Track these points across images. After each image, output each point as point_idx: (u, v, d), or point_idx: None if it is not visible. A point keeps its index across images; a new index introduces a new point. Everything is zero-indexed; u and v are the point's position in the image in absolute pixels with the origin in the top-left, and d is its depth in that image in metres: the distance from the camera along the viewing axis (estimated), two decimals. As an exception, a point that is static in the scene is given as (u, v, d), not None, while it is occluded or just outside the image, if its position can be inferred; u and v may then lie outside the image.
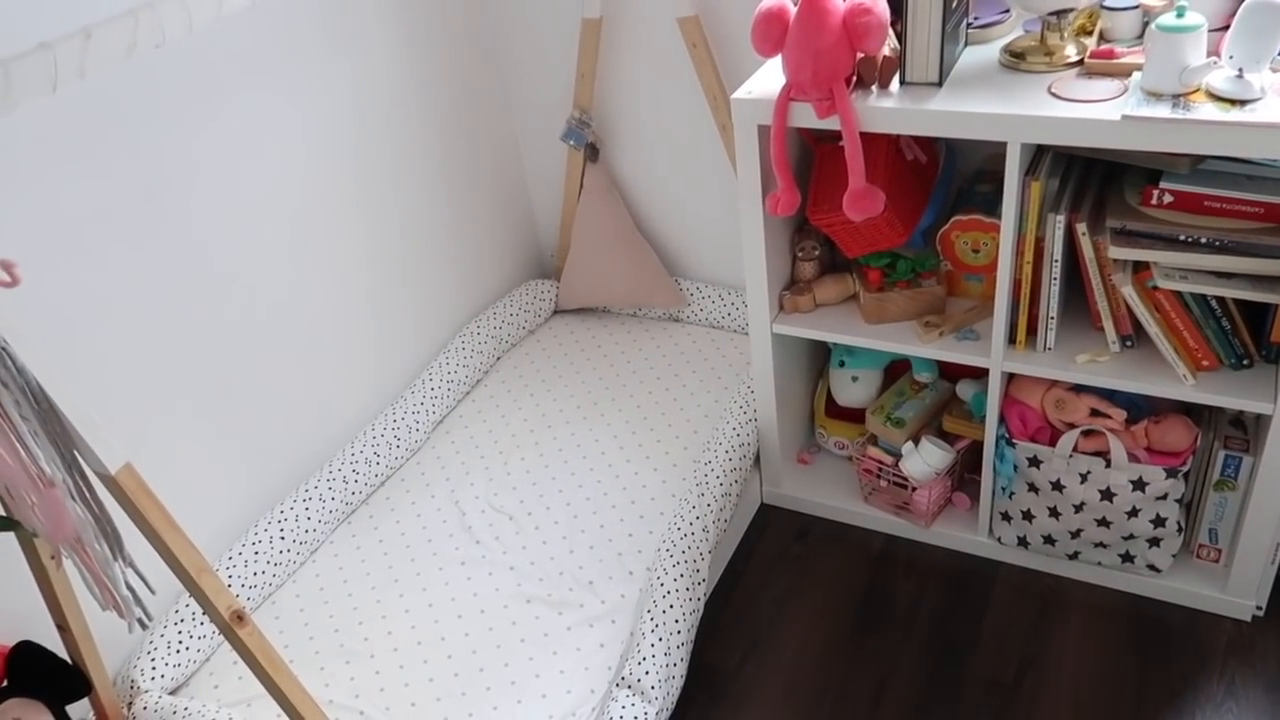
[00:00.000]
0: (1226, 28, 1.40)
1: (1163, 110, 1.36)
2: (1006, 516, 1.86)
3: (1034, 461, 1.74)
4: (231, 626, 1.19)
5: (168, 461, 1.69)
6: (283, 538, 1.83)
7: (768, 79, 1.68)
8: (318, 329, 1.96)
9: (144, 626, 1.17)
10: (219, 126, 1.68)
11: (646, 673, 1.55)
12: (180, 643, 1.65)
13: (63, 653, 1.40)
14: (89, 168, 1.48)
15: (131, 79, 1.51)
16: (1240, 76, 1.35)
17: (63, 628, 1.37)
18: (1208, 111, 1.34)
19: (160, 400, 1.66)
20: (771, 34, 1.55)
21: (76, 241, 1.48)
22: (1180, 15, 1.36)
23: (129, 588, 1.15)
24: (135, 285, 1.58)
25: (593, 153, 2.30)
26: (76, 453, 1.08)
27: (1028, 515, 1.82)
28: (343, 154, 1.94)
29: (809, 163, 1.85)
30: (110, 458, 1.07)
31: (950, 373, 1.97)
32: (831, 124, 1.56)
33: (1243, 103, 1.34)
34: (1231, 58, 1.36)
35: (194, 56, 1.61)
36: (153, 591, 1.17)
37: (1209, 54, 1.39)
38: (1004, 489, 1.84)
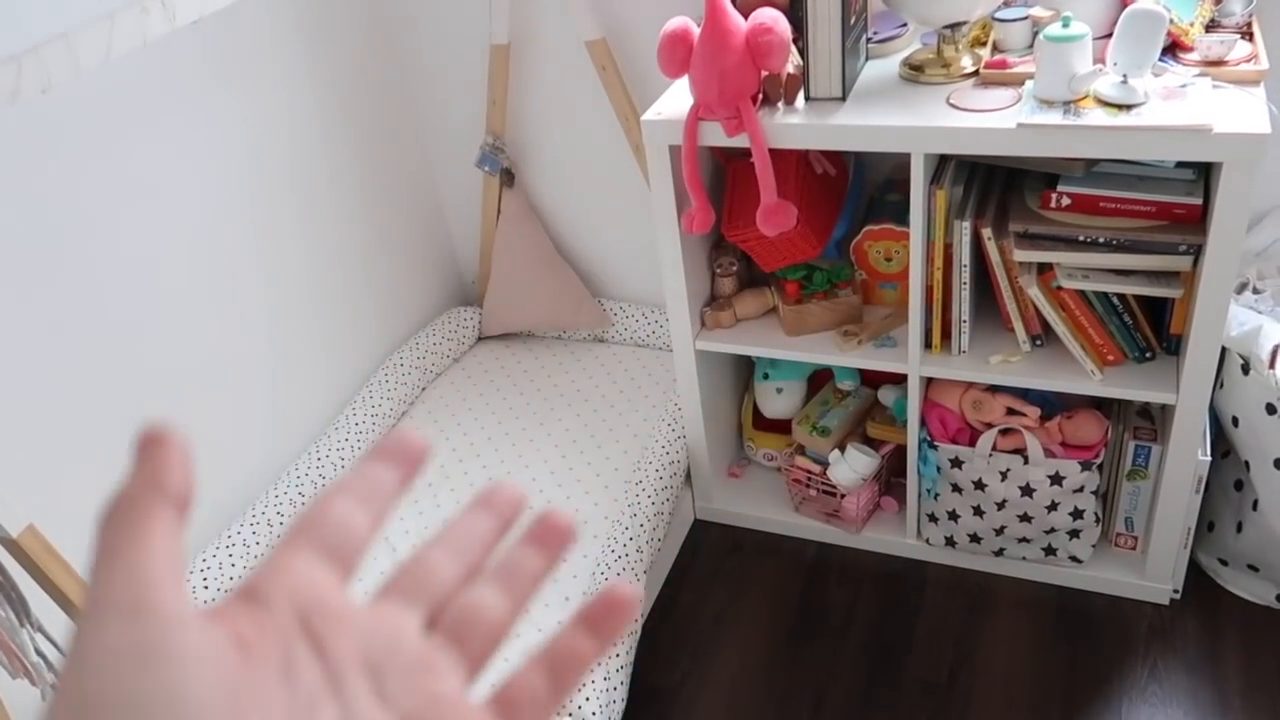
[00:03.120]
0: (1111, 35, 1.46)
1: (1054, 117, 1.41)
2: (933, 518, 1.90)
3: (956, 462, 1.77)
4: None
5: (81, 518, 1.62)
6: (206, 587, 1.78)
7: (677, 99, 1.69)
8: (234, 371, 1.91)
9: (57, 693, 1.13)
10: (110, 169, 1.63)
11: (587, 699, 1.54)
12: (101, 704, 1.59)
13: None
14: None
15: (10, 118, 1.47)
16: (1125, 82, 1.41)
17: (-29, 699, 1.31)
18: (1096, 117, 1.39)
19: (69, 455, 1.60)
20: (676, 55, 1.57)
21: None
22: (1066, 25, 1.42)
23: (39, 653, 1.10)
24: (30, 336, 1.53)
25: (508, 178, 2.29)
26: (-26, 517, 1.03)
27: (953, 515, 1.86)
28: (251, 192, 1.90)
29: (722, 180, 1.87)
30: (10, 520, 1.03)
31: (872, 379, 2.01)
32: (741, 141, 1.58)
33: (1128, 107, 1.40)
34: (1116, 64, 1.42)
35: (80, 96, 1.56)
36: (65, 656, 1.13)
37: (1095, 61, 1.44)
38: (929, 491, 1.87)
